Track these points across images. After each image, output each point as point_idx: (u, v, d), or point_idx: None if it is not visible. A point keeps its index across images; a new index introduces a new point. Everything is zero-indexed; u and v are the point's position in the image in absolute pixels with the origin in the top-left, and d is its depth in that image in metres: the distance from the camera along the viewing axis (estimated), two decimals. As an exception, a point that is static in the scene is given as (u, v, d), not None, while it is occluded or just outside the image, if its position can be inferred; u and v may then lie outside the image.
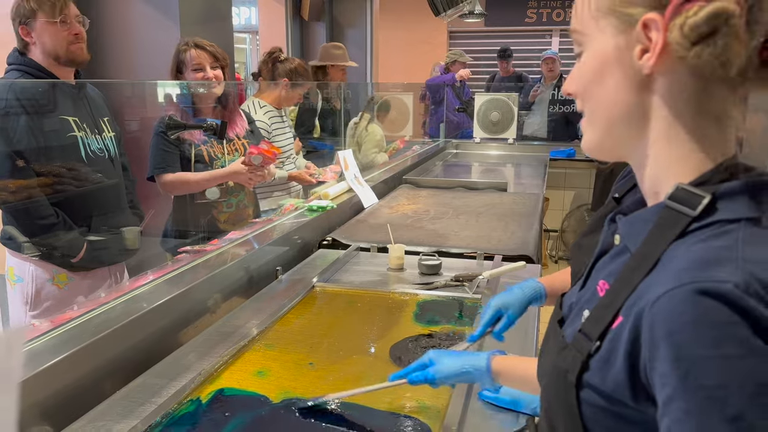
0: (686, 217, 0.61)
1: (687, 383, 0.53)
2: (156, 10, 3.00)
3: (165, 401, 1.21)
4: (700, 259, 0.56)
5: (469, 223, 2.67)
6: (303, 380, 1.33)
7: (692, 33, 0.58)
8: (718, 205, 0.60)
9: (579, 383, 0.64)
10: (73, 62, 2.12)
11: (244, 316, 1.68)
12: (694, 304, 0.54)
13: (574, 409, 0.65)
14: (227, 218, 2.49)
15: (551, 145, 5.61)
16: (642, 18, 0.61)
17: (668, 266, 0.59)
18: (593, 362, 0.63)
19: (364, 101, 4.65)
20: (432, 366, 1.10)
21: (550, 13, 8.79)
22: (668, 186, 0.64)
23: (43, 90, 2.12)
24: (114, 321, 1.38)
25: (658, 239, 0.62)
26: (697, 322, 0.53)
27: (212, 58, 2.41)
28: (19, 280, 2.12)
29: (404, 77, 7.50)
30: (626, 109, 0.66)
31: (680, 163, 0.64)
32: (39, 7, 2.04)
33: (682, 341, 0.54)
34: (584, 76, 0.69)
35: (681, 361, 0.53)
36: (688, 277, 0.55)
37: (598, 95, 0.68)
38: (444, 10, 4.54)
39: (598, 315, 0.65)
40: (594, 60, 0.68)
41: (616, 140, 0.69)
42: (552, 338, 0.75)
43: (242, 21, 9.24)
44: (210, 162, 2.42)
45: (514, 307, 1.26)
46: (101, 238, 2.20)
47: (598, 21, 0.66)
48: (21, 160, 1.98)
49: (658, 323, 0.55)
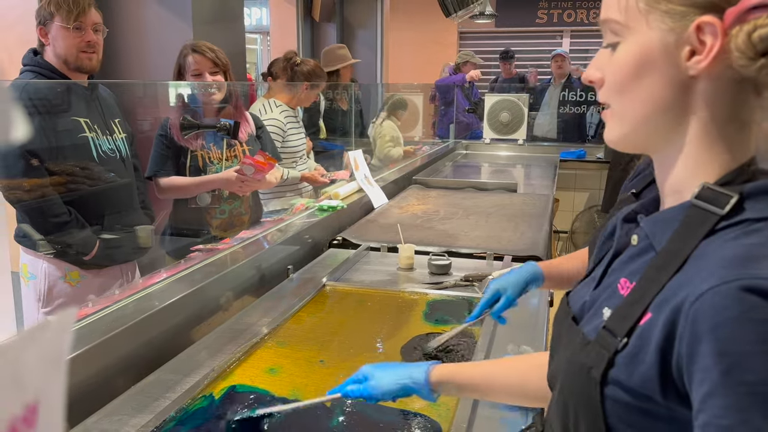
0: (714, 215, 0.61)
1: (729, 378, 0.53)
2: (169, 11, 3.03)
3: (178, 397, 1.23)
4: (739, 256, 0.57)
5: (478, 224, 2.67)
6: (314, 377, 1.34)
7: (762, 43, 0.57)
8: (746, 205, 0.61)
9: (604, 380, 0.65)
10: (80, 69, 2.14)
11: (255, 314, 1.69)
12: (740, 301, 0.54)
13: (597, 406, 0.65)
14: (219, 224, 2.49)
15: (562, 146, 5.60)
16: (697, 20, 0.60)
17: (702, 263, 0.59)
18: (619, 358, 0.64)
19: (375, 101, 4.67)
20: (366, 381, 1.05)
21: (561, 14, 8.76)
22: (692, 185, 0.64)
23: (55, 91, 2.15)
24: (128, 318, 1.40)
25: (685, 237, 0.62)
26: (742, 318, 0.54)
27: (211, 64, 2.38)
28: (32, 277, 2.15)
29: (414, 78, 7.51)
30: (663, 107, 0.65)
31: (707, 165, 0.65)
32: (57, 11, 2.08)
33: (726, 336, 0.54)
34: (620, 69, 0.67)
35: (724, 356, 0.54)
36: (732, 275, 0.55)
37: (635, 90, 0.66)
38: (455, 11, 4.54)
39: (624, 312, 0.65)
40: (635, 54, 0.65)
41: (646, 136, 0.68)
42: (565, 337, 0.75)
43: (253, 22, 9.28)
44: (203, 167, 2.42)
45: (511, 287, 1.30)
46: (114, 237, 2.23)
47: (647, 15, 0.64)
48: (35, 159, 2.01)
49: (701, 319, 0.56)
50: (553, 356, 0.80)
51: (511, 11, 8.52)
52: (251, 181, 2.36)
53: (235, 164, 2.46)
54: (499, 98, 5.49)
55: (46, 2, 2.11)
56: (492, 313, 1.30)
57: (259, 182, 2.41)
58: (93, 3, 2.17)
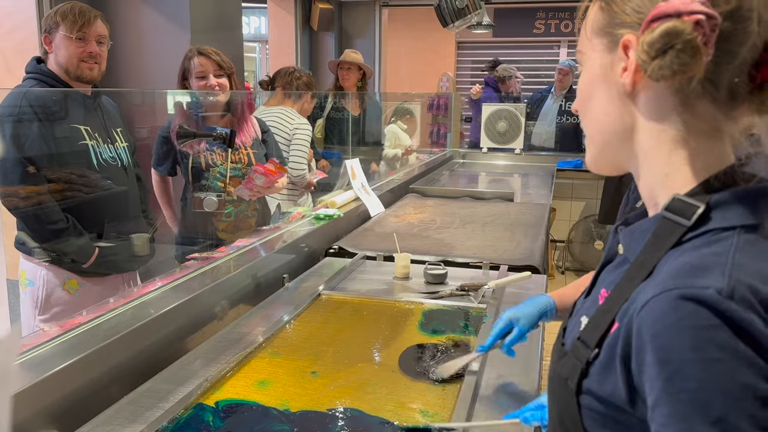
0: (681, 227, 0.62)
1: (670, 386, 0.54)
2: (167, 19, 3.04)
3: (171, 406, 1.22)
4: (687, 266, 0.58)
5: (475, 233, 2.67)
6: (308, 387, 1.34)
7: (650, 48, 0.61)
8: (712, 215, 0.62)
9: (579, 389, 0.66)
10: (80, 79, 2.15)
11: (250, 323, 1.69)
12: (675, 309, 0.55)
13: (576, 416, 0.66)
14: (226, 227, 2.52)
15: (559, 156, 5.61)
16: (622, 39, 0.66)
17: (658, 275, 0.61)
18: (593, 369, 0.65)
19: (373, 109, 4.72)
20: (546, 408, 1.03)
21: (558, 24, 8.80)
22: (665, 196, 0.66)
23: (56, 99, 2.16)
24: (122, 327, 1.40)
25: (654, 249, 0.64)
26: (677, 325, 0.55)
27: (216, 66, 2.42)
28: (31, 283, 2.14)
29: (412, 87, 7.53)
30: (614, 124, 0.70)
31: (674, 175, 0.66)
32: (62, 21, 2.11)
33: (665, 345, 0.55)
34: (580, 93, 0.74)
35: (664, 364, 0.55)
36: (672, 284, 0.57)
37: (591, 111, 0.72)
38: (452, 21, 4.56)
39: (596, 322, 0.66)
40: (587, 77, 0.72)
41: (612, 155, 0.73)
42: (555, 348, 0.77)
43: (252, 30, 9.31)
44: (207, 169, 2.45)
45: (525, 320, 1.25)
46: (113, 245, 2.23)
47: (592, 41, 0.71)
48: (32, 166, 2.01)
49: (643, 328, 0.57)
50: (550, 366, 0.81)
51: (508, 21, 8.55)
52: (259, 191, 2.40)
53: (239, 166, 2.48)
54: (496, 108, 5.50)
55: (54, 11, 2.14)
56: (504, 345, 1.26)
57: (268, 189, 2.44)
58: (100, 15, 2.18)
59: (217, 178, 2.45)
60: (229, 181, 2.44)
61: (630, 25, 0.65)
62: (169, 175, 2.57)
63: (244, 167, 2.49)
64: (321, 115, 4.25)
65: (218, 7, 3.29)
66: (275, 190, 2.57)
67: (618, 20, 0.67)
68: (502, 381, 1.37)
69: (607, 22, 0.68)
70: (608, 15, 0.68)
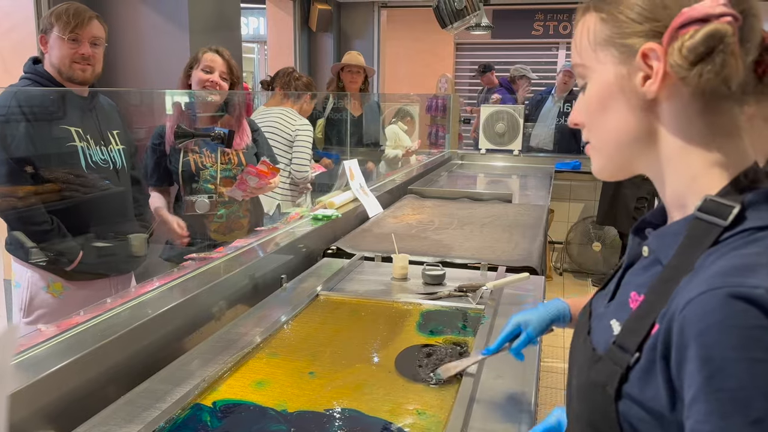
0: (717, 227, 0.63)
1: (711, 384, 0.54)
2: (166, 19, 3.04)
3: (169, 407, 1.22)
4: (734, 266, 0.58)
5: (473, 234, 2.67)
6: (306, 387, 1.33)
7: (690, 54, 0.61)
8: (747, 214, 0.62)
9: (618, 395, 0.65)
10: (72, 80, 2.13)
11: (248, 323, 1.69)
12: (725, 307, 0.55)
13: (614, 423, 0.65)
14: (217, 228, 2.51)
15: (557, 157, 5.62)
16: (641, 48, 0.65)
17: (700, 273, 0.60)
18: (633, 373, 0.64)
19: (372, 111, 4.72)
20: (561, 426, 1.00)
21: (556, 26, 8.81)
22: (695, 198, 0.66)
23: (46, 99, 2.14)
24: (119, 327, 1.40)
25: (690, 250, 0.64)
26: (726, 324, 0.54)
27: (225, 68, 2.45)
28: (18, 285, 2.13)
29: (410, 88, 7.53)
30: (633, 134, 0.70)
31: (702, 177, 0.67)
32: (56, 22, 2.10)
33: (710, 342, 0.54)
34: (589, 106, 0.73)
35: (708, 361, 0.54)
36: (721, 282, 0.56)
37: (604, 123, 0.72)
38: (451, 23, 4.56)
39: (633, 327, 0.65)
40: (597, 89, 0.71)
41: (624, 163, 0.73)
42: (581, 352, 0.75)
43: (251, 31, 9.31)
44: (197, 172, 2.44)
45: (534, 324, 1.19)
46: (101, 247, 2.20)
47: (597, 53, 0.70)
48: (18, 166, 1.99)
49: (688, 324, 0.56)
50: (571, 372, 0.79)
51: (507, 23, 8.57)
52: (251, 192, 2.39)
53: (229, 167, 2.47)
54: (494, 109, 5.51)
55: (50, 12, 2.13)
56: (511, 349, 1.22)
57: (261, 189, 2.43)
58: (96, 16, 2.17)
59: (207, 180, 2.44)
60: (219, 182, 2.44)
61: (644, 34, 0.65)
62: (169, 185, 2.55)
63: (234, 168, 2.49)
64: (321, 115, 4.25)
65: (217, 7, 3.29)
66: (268, 190, 2.57)
67: (628, 30, 0.67)
68: (500, 381, 1.37)
69: (613, 32, 0.68)
70: (613, 26, 0.68)
